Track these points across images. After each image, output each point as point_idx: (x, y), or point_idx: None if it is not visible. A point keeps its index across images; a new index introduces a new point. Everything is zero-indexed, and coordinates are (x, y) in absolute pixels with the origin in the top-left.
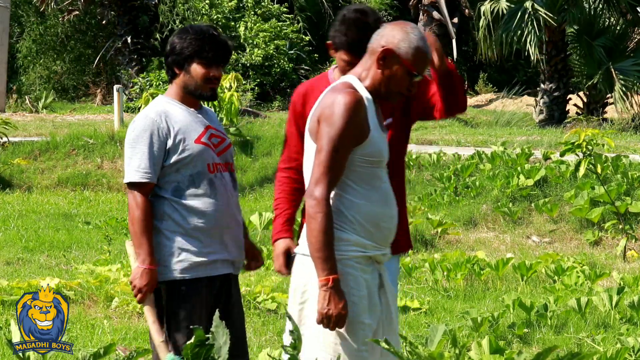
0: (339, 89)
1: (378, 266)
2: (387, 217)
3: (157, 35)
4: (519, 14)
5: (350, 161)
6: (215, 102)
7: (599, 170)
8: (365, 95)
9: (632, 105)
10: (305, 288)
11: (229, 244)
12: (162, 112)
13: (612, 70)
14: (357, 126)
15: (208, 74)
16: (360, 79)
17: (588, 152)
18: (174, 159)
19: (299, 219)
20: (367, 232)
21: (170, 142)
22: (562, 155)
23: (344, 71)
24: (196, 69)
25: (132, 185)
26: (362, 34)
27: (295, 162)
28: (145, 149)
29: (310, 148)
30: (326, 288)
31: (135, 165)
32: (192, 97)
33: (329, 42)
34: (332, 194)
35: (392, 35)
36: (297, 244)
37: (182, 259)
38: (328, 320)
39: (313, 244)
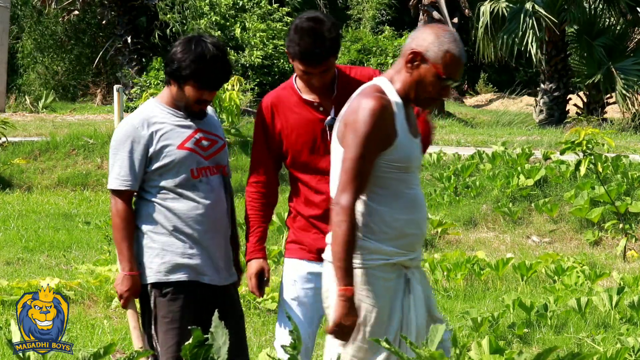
0: (366, 92)
1: (406, 271)
2: (412, 223)
3: (157, 34)
4: (521, 15)
5: (376, 167)
6: (216, 103)
7: (600, 170)
8: (394, 99)
9: (633, 105)
10: (327, 294)
11: (213, 250)
12: (146, 119)
13: (613, 69)
14: (382, 131)
15: (200, 96)
16: (392, 82)
17: (588, 151)
18: (156, 165)
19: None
20: (391, 240)
21: (152, 149)
22: (562, 153)
23: (302, 79)
24: (190, 90)
25: (112, 192)
26: (315, 43)
27: (263, 176)
28: (126, 156)
29: (337, 153)
30: (345, 298)
31: (115, 172)
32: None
33: (287, 51)
34: (359, 203)
35: (422, 38)
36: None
37: (166, 260)
38: (341, 330)
39: (335, 252)
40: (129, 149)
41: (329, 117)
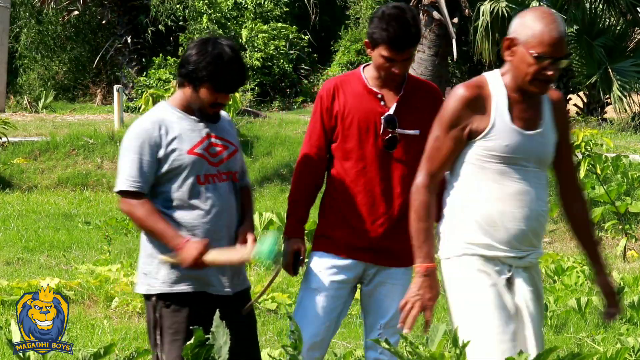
0: (464, 82)
1: (509, 268)
2: (510, 217)
3: (150, 30)
4: None
5: (469, 153)
6: None
7: (599, 171)
8: (496, 88)
9: (629, 106)
10: (444, 288)
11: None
12: (158, 121)
13: (610, 71)
14: (467, 117)
15: (216, 99)
16: (502, 74)
17: (587, 153)
18: (164, 169)
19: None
20: (483, 231)
21: (161, 152)
22: None
23: (381, 68)
24: (205, 92)
25: (122, 194)
26: (402, 28)
27: (315, 156)
28: (136, 158)
29: None
30: (419, 275)
31: (125, 173)
32: (194, 110)
33: (366, 40)
34: (452, 190)
35: (514, 24)
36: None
37: (171, 270)
38: (411, 307)
39: (411, 231)
40: (140, 151)
41: (387, 113)
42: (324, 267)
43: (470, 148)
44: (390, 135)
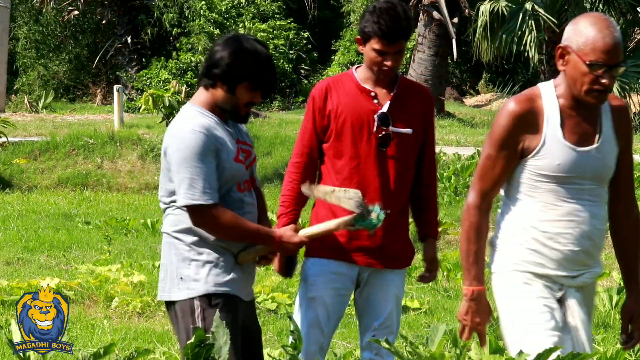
0: (516, 95)
1: (561, 287)
2: (562, 238)
3: (149, 30)
4: (519, 15)
5: (520, 172)
6: None
7: None
8: (550, 103)
9: (631, 106)
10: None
11: (248, 266)
12: (205, 128)
13: None
14: (519, 135)
15: (253, 98)
16: (556, 85)
17: None
18: (218, 177)
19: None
20: (534, 250)
21: (217, 161)
22: None
23: (374, 63)
24: (243, 92)
25: (199, 208)
26: (393, 20)
27: (306, 156)
28: (203, 168)
29: None
30: (467, 299)
31: (200, 186)
32: (223, 113)
33: (358, 37)
34: (505, 207)
35: (566, 31)
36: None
37: (214, 273)
38: (462, 329)
39: (460, 252)
40: (205, 160)
41: (381, 110)
42: (320, 274)
43: (522, 166)
44: (383, 133)
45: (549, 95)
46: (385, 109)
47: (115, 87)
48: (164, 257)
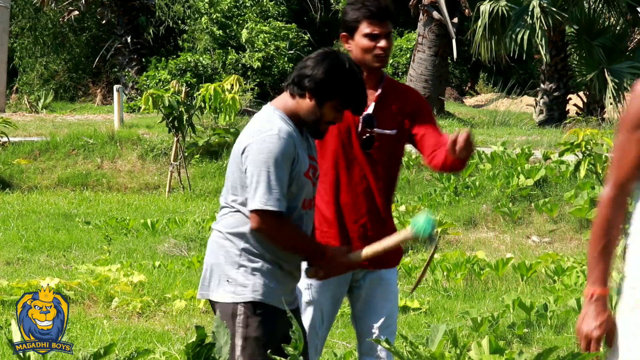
0: None
1: None
2: None
3: (151, 30)
4: (527, 14)
5: None
6: (216, 103)
7: (599, 170)
8: None
9: (625, 107)
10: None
11: (293, 280)
12: (290, 134)
13: (606, 71)
14: None
15: (335, 119)
16: None
17: (587, 152)
18: (288, 187)
19: None
20: None
21: (293, 170)
22: (561, 155)
23: (367, 51)
24: (330, 109)
25: (269, 214)
26: (379, 2)
27: None
28: (284, 176)
29: None
30: (587, 301)
31: (276, 193)
32: (300, 125)
33: (343, 33)
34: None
35: None
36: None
37: (262, 282)
38: (580, 336)
39: (588, 248)
40: (286, 167)
41: (366, 112)
42: (312, 280)
43: None
44: (367, 134)
45: None
46: (370, 110)
47: (115, 87)
48: (211, 255)
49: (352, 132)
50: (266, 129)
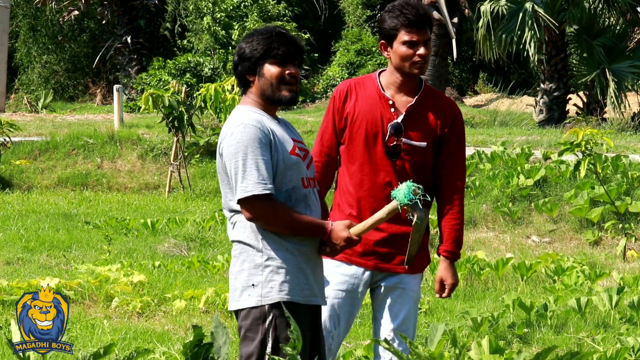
0: None
1: None
2: None
3: (168, 25)
4: (520, 14)
5: None
6: (217, 104)
7: (599, 170)
8: None
9: (626, 107)
10: None
11: (319, 269)
12: (259, 120)
13: (607, 71)
14: None
15: (283, 72)
16: None
17: (587, 152)
18: (274, 169)
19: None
20: None
21: (272, 151)
22: (560, 155)
23: (406, 58)
24: (269, 69)
25: (251, 199)
26: (416, 9)
27: (325, 156)
28: (260, 159)
29: None
30: None
31: (253, 177)
32: (270, 104)
33: (381, 41)
34: None
35: None
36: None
37: (287, 279)
38: None
39: None
40: (261, 151)
41: (395, 120)
42: (331, 276)
43: None
44: (395, 143)
45: None
46: (400, 119)
47: (115, 87)
48: (235, 265)
49: (379, 138)
50: (233, 124)
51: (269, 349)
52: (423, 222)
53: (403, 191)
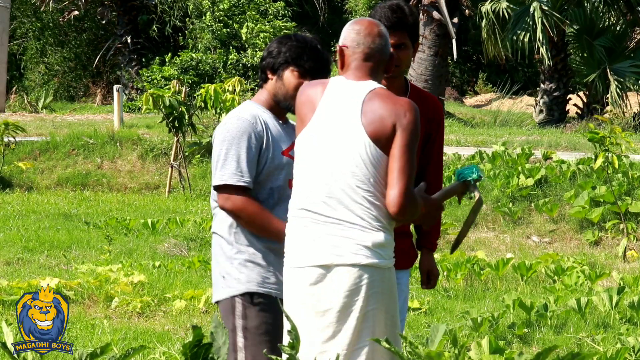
0: None
1: None
2: None
3: (155, 27)
4: (529, 15)
5: None
6: (217, 104)
7: (616, 166)
8: None
9: (627, 107)
10: None
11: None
12: (256, 115)
13: (608, 71)
14: None
15: (301, 84)
16: None
17: (606, 148)
18: (262, 167)
19: None
20: None
21: (263, 148)
22: (590, 140)
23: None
24: (289, 77)
25: (227, 189)
26: (390, 9)
27: None
28: (243, 152)
29: None
30: None
31: (232, 167)
32: (278, 107)
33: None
34: None
35: None
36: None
37: (257, 271)
38: None
39: None
40: (247, 145)
41: None
42: None
43: None
44: None
45: None
46: None
47: (115, 87)
48: (213, 257)
49: None
50: (229, 116)
51: (240, 339)
52: (481, 203)
53: (470, 169)
